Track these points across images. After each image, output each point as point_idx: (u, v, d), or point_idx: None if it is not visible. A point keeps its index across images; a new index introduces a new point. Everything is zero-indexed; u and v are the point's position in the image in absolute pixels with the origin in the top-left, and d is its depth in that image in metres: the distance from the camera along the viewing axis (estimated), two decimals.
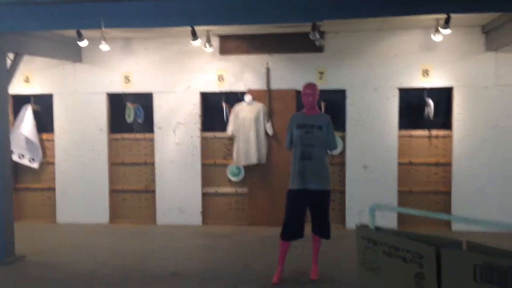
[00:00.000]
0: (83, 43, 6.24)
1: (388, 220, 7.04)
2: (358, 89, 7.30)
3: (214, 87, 7.58)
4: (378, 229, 2.42)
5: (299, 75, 7.34)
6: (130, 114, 7.71)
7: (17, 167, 7.92)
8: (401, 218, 7.27)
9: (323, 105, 7.28)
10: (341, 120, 7.38)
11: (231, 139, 7.60)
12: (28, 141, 7.75)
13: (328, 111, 6.75)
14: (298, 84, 7.22)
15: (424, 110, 7.15)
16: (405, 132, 7.36)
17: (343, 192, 7.43)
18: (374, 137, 7.26)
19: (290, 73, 7.40)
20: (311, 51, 7.25)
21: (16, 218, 7.15)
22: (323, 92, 6.72)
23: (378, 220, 2.79)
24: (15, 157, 7.66)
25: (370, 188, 7.24)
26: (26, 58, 6.77)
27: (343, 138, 7.36)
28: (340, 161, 7.46)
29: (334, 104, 7.42)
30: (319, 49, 7.22)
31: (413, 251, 2.11)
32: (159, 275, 5.49)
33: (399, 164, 7.30)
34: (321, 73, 7.36)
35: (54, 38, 6.90)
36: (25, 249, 6.24)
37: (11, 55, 6.21)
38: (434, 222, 7.03)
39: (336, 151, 7.23)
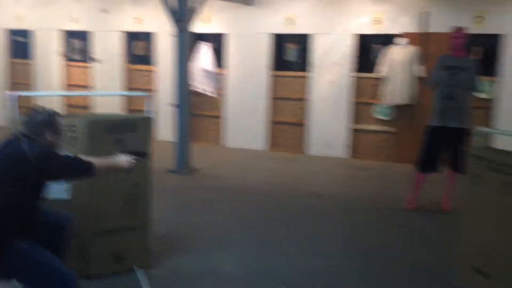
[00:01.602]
0: None
1: None
2: None
3: (370, 29, 8.02)
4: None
5: (456, 19, 7.42)
6: (290, 54, 8.54)
7: (198, 96, 9.17)
8: None
9: (478, 50, 7.32)
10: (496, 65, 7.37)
11: (383, 79, 8.03)
12: (208, 73, 8.94)
13: (484, 56, 6.85)
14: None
15: None
16: None
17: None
18: None
19: (446, 17, 7.52)
20: None
21: (192, 139, 8.51)
22: (480, 36, 6.82)
23: None
24: (196, 88, 8.89)
25: None
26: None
27: (495, 82, 7.38)
28: (489, 105, 7.50)
29: (491, 49, 7.40)
30: None
31: (507, 164, 2.58)
32: (307, 192, 6.39)
33: None
34: (479, 17, 7.36)
35: None
36: (199, 163, 7.52)
37: None
38: None
39: (484, 95, 7.30)
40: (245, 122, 8.95)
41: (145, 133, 3.85)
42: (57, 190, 3.59)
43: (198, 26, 8.88)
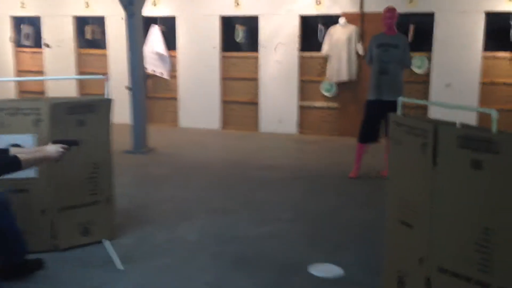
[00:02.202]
0: None
1: None
2: (446, 12, 7.80)
3: (312, 10, 8.47)
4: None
5: None
6: (238, 35, 8.90)
7: (152, 78, 9.43)
8: None
9: (411, 27, 7.89)
10: (429, 41, 7.97)
11: (326, 58, 8.51)
12: (160, 56, 9.20)
13: (416, 33, 7.43)
14: None
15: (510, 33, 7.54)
16: (489, 54, 7.83)
17: (425, 108, 8.16)
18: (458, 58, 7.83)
19: None
20: None
21: (148, 121, 8.79)
22: (413, 15, 7.39)
23: None
24: (150, 71, 9.15)
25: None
26: None
27: (429, 58, 8.00)
28: (425, 79, 8.13)
29: (423, 27, 7.99)
30: None
31: (419, 127, 3.08)
32: (259, 165, 6.85)
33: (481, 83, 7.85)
34: None
35: None
36: (155, 144, 7.83)
37: None
38: None
39: (419, 71, 7.92)
40: (198, 103, 9.28)
41: (105, 114, 4.17)
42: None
43: (148, 9, 9.12)
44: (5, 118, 3.86)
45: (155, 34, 9.19)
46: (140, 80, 7.39)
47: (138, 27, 7.26)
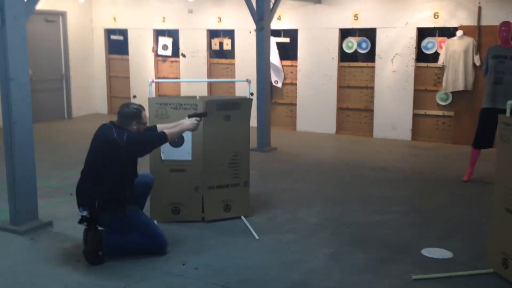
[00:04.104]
0: None
1: None
2: None
3: (429, 23, 8.84)
4: None
5: (508, 12, 8.14)
6: (351, 46, 9.51)
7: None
8: None
9: None
10: None
11: (442, 68, 8.83)
12: (274, 67, 10.06)
13: None
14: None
15: None
16: None
17: None
18: None
19: (499, 11, 8.24)
20: None
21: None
22: None
23: None
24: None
25: None
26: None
27: None
28: None
29: None
30: None
31: None
32: (372, 166, 7.40)
33: None
34: None
35: None
36: (276, 144, 8.65)
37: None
38: None
39: None
40: (315, 109, 9.98)
41: (247, 111, 5.01)
42: (182, 152, 4.83)
43: (273, 23, 10.01)
44: (169, 111, 4.83)
45: (272, 47, 10.02)
46: (266, 86, 8.25)
47: (267, 39, 8.14)
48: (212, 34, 10.95)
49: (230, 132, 4.92)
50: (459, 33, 8.51)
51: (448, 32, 8.78)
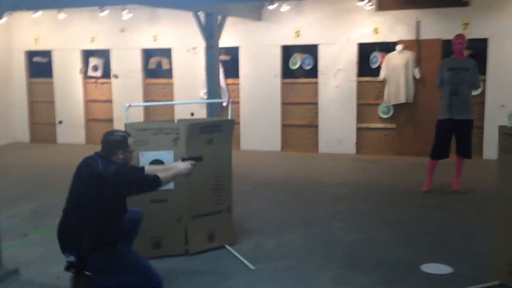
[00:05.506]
0: (272, 6, 8.05)
1: None
2: (500, 38, 8.33)
3: (369, 38, 9.06)
4: None
5: (445, 26, 8.54)
6: (295, 63, 9.52)
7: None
8: None
9: (467, 52, 8.41)
10: (483, 65, 8.48)
11: (383, 82, 9.06)
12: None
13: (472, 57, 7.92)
14: (444, 34, 8.44)
15: None
16: None
17: (481, 128, 8.61)
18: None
19: (437, 25, 8.61)
20: (457, 6, 8.39)
21: None
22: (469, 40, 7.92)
23: None
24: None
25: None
26: None
27: (484, 81, 8.48)
28: (480, 101, 8.60)
29: (477, 52, 8.51)
30: (464, 3, 8.33)
31: None
32: (328, 182, 7.38)
33: None
34: (466, 24, 8.47)
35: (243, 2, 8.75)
36: None
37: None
38: None
39: (478, 91, 8.41)
40: (259, 126, 9.84)
41: (229, 132, 4.74)
42: None
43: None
44: (149, 137, 4.44)
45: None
46: (218, 106, 7.98)
47: (216, 57, 7.89)
48: (148, 53, 10.50)
49: (213, 156, 4.62)
50: (399, 47, 8.79)
51: (387, 47, 9.03)
